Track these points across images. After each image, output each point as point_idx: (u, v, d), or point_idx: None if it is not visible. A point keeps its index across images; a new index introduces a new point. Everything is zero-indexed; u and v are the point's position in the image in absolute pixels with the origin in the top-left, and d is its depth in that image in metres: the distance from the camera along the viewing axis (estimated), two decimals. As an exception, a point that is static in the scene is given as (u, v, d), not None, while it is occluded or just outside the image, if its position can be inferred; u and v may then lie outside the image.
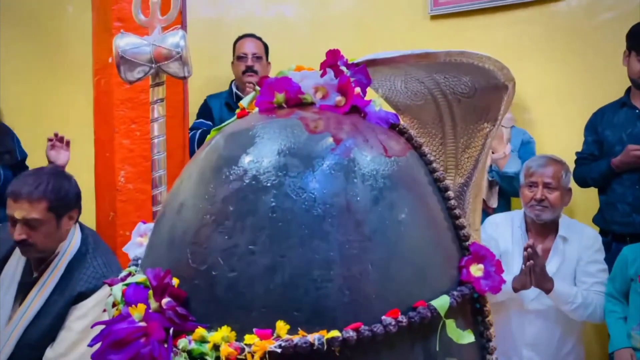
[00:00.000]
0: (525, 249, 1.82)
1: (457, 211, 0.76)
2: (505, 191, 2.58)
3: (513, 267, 1.90)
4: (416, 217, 0.70)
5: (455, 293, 0.68)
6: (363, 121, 0.77)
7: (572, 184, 2.15)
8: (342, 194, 0.67)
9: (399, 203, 0.69)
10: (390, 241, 0.67)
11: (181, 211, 0.73)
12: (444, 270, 0.71)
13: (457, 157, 1.00)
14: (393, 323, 0.62)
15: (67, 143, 2.14)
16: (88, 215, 2.16)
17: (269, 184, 0.67)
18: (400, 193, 0.70)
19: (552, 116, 2.66)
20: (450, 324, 0.66)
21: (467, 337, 0.66)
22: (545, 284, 1.86)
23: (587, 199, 2.43)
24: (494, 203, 2.59)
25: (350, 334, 0.61)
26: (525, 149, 2.58)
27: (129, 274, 0.74)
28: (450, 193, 0.77)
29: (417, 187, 0.73)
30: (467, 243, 0.75)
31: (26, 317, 1.46)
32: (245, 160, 0.70)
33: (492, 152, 2.46)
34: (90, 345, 0.63)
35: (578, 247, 2.00)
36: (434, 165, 0.77)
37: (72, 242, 1.51)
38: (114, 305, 0.70)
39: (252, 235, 0.65)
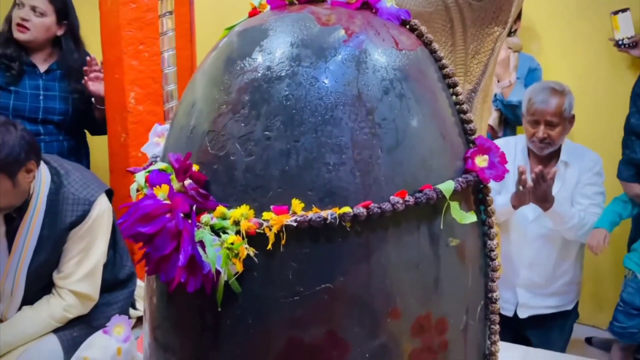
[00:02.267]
0: (533, 173, 1.86)
1: (464, 106, 0.78)
2: (510, 120, 2.58)
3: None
4: (424, 108, 0.73)
5: (460, 179, 0.72)
6: (374, 16, 0.78)
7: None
8: (354, 83, 0.69)
9: (408, 94, 0.72)
10: (399, 129, 0.70)
11: (197, 105, 0.76)
12: (449, 161, 0.74)
13: (466, 64, 1.02)
14: (400, 202, 0.66)
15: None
16: (100, 137, 2.20)
17: (282, 74, 0.70)
18: (410, 85, 0.72)
19: (561, 42, 2.62)
20: (455, 205, 0.70)
21: (470, 218, 0.71)
22: (546, 203, 1.91)
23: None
24: (499, 132, 2.60)
25: (361, 210, 0.65)
26: (532, 76, 2.56)
27: (151, 164, 0.78)
28: (459, 89, 0.79)
29: (426, 80, 0.75)
30: (473, 137, 0.78)
31: (23, 261, 1.49)
32: (259, 52, 0.72)
33: (498, 81, 2.44)
34: (119, 224, 0.68)
35: (578, 170, 2.04)
36: (444, 61, 0.79)
37: (43, 180, 1.50)
38: (137, 190, 0.74)
39: (267, 122, 0.68)
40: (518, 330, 2.09)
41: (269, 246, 0.65)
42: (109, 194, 1.63)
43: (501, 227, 2.11)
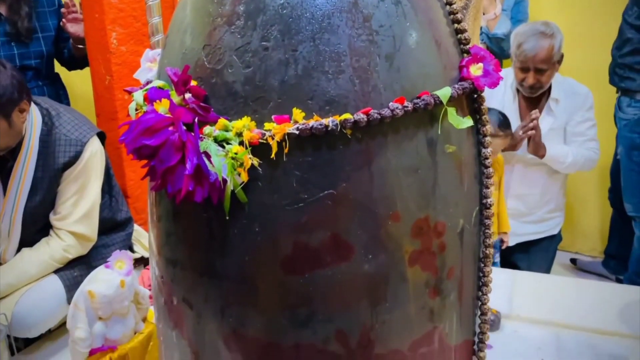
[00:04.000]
0: (530, 119, 1.88)
1: (458, 15, 0.78)
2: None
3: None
4: (420, 16, 0.73)
5: (456, 86, 0.73)
6: None
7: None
8: (350, -10, 0.69)
9: (403, 1, 0.71)
10: (396, 36, 0.70)
11: (190, 21, 0.75)
12: (445, 70, 0.75)
13: (457, -20, 1.01)
14: (399, 108, 0.68)
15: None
16: (82, 83, 2.16)
17: (277, -17, 0.69)
18: (405, -8, 0.72)
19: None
20: (452, 111, 0.72)
21: (466, 122, 0.73)
22: (539, 150, 1.95)
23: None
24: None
25: (361, 116, 0.66)
26: (517, 8, 2.53)
27: (148, 83, 0.78)
28: (452, -1, 0.79)
29: (420, -11, 0.75)
30: (467, 46, 0.78)
31: (19, 202, 1.50)
32: (252, -38, 0.71)
33: (483, 13, 2.41)
34: (121, 140, 0.68)
35: (569, 106, 2.06)
36: (437, -30, 0.78)
37: (35, 121, 1.50)
38: (136, 110, 0.74)
39: (263, 32, 0.68)
40: (505, 256, 2.17)
41: (272, 155, 0.67)
42: (101, 136, 1.63)
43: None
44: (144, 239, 1.96)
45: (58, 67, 2.23)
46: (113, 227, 1.75)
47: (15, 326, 1.46)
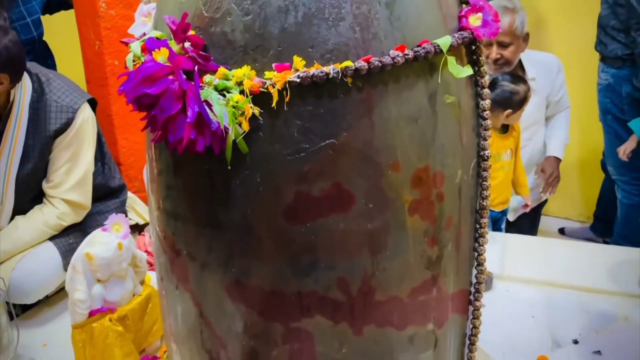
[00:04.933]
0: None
1: (457, -35, 0.78)
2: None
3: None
4: (420, -36, 0.72)
5: (456, 35, 0.73)
6: None
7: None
8: (349, -64, 0.68)
9: (403, -52, 0.71)
10: (396, -16, 0.69)
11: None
12: (445, 20, 0.75)
13: None
14: (400, 55, 0.68)
15: None
16: (70, 48, 2.12)
17: None
18: (405, -61, 0.71)
19: None
20: (452, 60, 0.72)
21: (466, 71, 0.73)
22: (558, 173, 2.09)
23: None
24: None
25: (362, 64, 0.66)
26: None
27: (144, 34, 0.77)
28: (451, -52, 0.78)
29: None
30: (466, -3, 0.78)
31: (10, 169, 1.49)
32: None
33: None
34: (120, 90, 0.68)
35: (547, 79, 2.10)
36: None
37: (24, 87, 1.47)
38: (133, 61, 0.73)
39: (263, -21, 0.67)
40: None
41: (273, 104, 0.67)
42: (92, 103, 1.61)
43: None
44: (138, 206, 1.96)
45: (44, 35, 2.18)
46: (107, 194, 1.74)
47: (13, 292, 1.47)
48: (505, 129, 1.94)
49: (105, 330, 1.25)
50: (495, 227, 2.08)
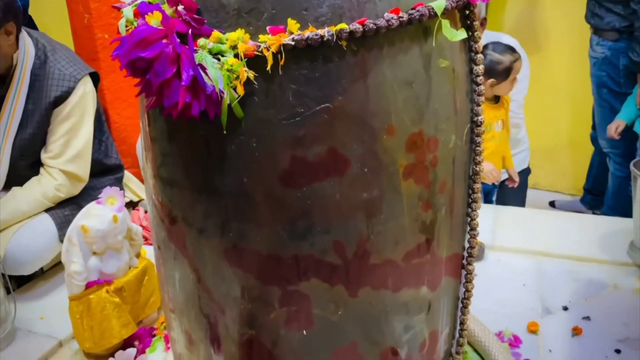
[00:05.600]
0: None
1: None
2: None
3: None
4: None
5: (449, -1, 0.73)
6: None
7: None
8: None
9: None
10: (391, -54, 0.69)
11: None
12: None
13: None
14: (395, 18, 0.67)
15: None
16: (60, 23, 2.08)
17: None
18: None
19: None
20: (445, 23, 0.72)
21: (460, 34, 0.73)
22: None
23: None
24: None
25: (357, 26, 0.66)
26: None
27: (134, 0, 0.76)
28: None
29: None
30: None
31: (9, 132, 1.49)
32: None
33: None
34: (114, 55, 0.67)
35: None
36: None
37: (27, 52, 1.48)
38: (126, 26, 0.73)
39: (256, -59, 0.66)
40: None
41: (268, 68, 0.66)
42: (94, 78, 1.61)
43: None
44: (131, 183, 1.96)
45: (31, 10, 2.14)
46: (103, 171, 1.75)
47: (9, 263, 1.48)
48: (496, 99, 1.94)
49: (103, 301, 1.26)
50: (487, 199, 2.10)
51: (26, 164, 1.55)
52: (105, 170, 1.75)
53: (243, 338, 0.80)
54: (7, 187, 1.55)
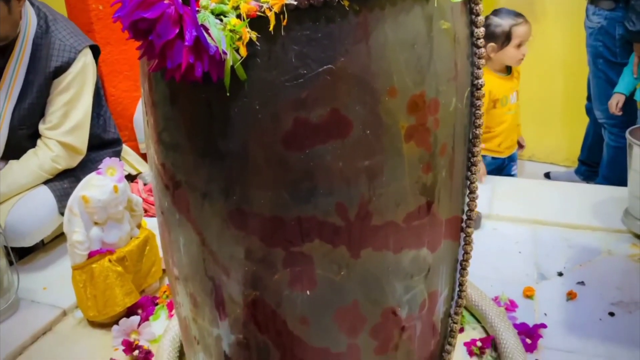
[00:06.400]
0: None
1: None
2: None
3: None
4: None
5: (451, -41, 0.73)
6: None
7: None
8: None
9: None
10: None
11: None
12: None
13: None
14: (397, -22, 0.67)
15: None
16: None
17: None
18: None
19: None
20: (447, -16, 0.72)
21: (462, -4, 0.73)
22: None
23: None
24: None
25: (359, -14, 0.66)
26: None
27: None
28: None
29: None
30: None
31: (9, 102, 1.49)
32: None
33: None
34: (115, 16, 0.67)
35: None
36: None
37: (29, 21, 1.47)
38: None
39: None
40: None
41: (271, 28, 0.66)
42: (94, 51, 1.60)
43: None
44: (129, 156, 1.96)
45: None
46: (101, 145, 1.74)
47: (9, 235, 1.48)
48: (509, 70, 1.94)
49: (105, 270, 1.28)
50: (503, 173, 2.11)
51: (25, 134, 1.54)
52: (103, 144, 1.75)
53: (247, 299, 0.82)
54: (6, 158, 1.55)
